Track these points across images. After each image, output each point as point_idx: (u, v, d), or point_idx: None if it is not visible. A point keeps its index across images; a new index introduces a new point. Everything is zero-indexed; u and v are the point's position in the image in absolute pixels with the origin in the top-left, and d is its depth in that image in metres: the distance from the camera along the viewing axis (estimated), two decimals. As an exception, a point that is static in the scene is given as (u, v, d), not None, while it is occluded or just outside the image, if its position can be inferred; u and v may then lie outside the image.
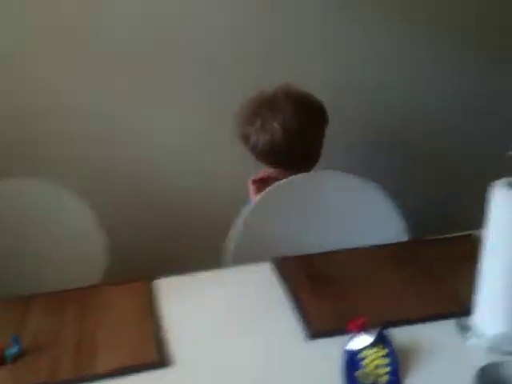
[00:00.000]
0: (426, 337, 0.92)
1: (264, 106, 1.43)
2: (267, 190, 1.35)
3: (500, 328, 0.87)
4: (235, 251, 1.29)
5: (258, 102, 1.45)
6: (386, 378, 0.81)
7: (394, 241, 1.28)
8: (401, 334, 0.89)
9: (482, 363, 0.82)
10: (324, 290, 1.06)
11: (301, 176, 1.38)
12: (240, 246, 1.30)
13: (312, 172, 1.43)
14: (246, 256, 1.23)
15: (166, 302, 1.06)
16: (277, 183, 1.36)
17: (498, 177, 0.88)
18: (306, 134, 1.44)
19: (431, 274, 1.11)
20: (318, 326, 0.94)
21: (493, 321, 0.89)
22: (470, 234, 1.17)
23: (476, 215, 0.93)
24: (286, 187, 1.35)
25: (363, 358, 0.83)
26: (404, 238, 1.33)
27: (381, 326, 0.87)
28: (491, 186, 0.85)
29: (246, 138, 1.45)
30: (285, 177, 1.40)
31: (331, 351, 0.86)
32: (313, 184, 1.38)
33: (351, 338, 0.85)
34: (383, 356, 0.83)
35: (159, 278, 1.13)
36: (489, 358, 0.84)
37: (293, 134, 1.40)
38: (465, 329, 0.92)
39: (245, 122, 1.45)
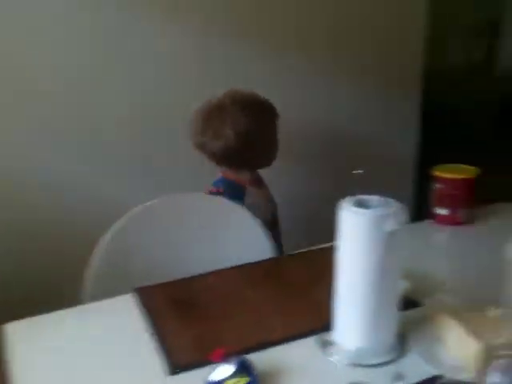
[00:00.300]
0: (290, 357, 0.91)
1: (213, 114, 1.49)
2: (129, 213, 1.30)
3: (359, 342, 0.89)
4: (95, 283, 1.22)
5: (207, 110, 1.50)
6: (249, 407, 0.79)
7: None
8: (264, 358, 0.88)
9: (345, 380, 0.83)
10: (188, 319, 1.02)
11: (165, 199, 1.34)
12: (100, 276, 1.23)
13: (177, 194, 1.39)
14: (107, 287, 1.17)
15: (15, 349, 0.96)
16: (139, 207, 1.31)
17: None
18: (257, 133, 1.49)
19: (296, 290, 1.11)
20: (181, 359, 0.90)
21: (351, 335, 0.90)
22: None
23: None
24: (149, 210, 1.31)
25: (225, 389, 0.80)
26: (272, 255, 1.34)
27: (243, 353, 0.85)
28: (339, 203, 0.87)
29: (202, 147, 1.52)
30: (245, 178, 1.54)
31: (193, 385, 0.82)
32: (178, 207, 1.34)
33: (213, 369, 0.82)
34: (245, 385, 0.81)
35: (6, 323, 1.03)
36: (350, 374, 0.85)
37: (244, 136, 1.46)
38: (326, 345, 0.93)
39: (198, 132, 1.51)
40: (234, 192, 1.53)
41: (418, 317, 0.97)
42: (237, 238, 1.34)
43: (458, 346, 0.83)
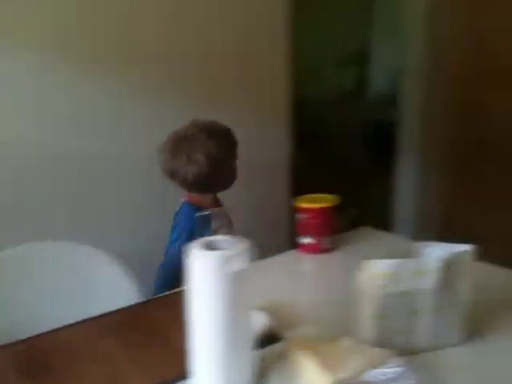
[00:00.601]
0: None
1: (184, 142, 1.56)
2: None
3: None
4: None
5: (176, 138, 1.58)
6: None
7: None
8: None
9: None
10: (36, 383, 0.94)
11: (16, 250, 1.25)
12: None
13: (25, 245, 1.30)
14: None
15: None
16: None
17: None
18: (224, 158, 1.60)
19: (156, 337, 1.07)
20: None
21: (208, 380, 0.87)
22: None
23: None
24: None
25: None
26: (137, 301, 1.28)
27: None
28: (188, 246, 0.85)
29: (174, 173, 1.58)
30: (208, 201, 1.65)
31: None
32: (27, 257, 1.26)
33: None
34: None
35: None
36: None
37: (215, 161, 1.55)
38: (184, 394, 0.90)
39: (170, 159, 1.57)
40: (203, 218, 1.58)
41: (278, 352, 0.97)
42: (99, 287, 1.28)
43: (311, 380, 0.84)
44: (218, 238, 0.86)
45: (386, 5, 4.29)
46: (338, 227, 1.48)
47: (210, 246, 0.85)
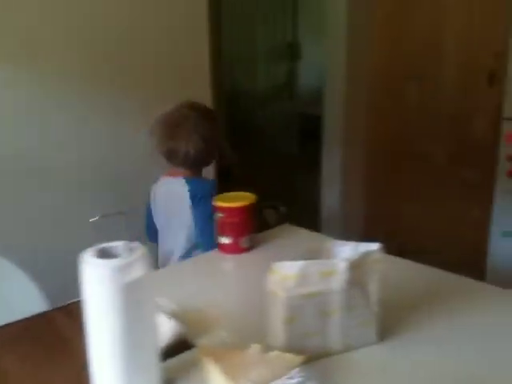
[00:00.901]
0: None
1: (180, 121, 1.64)
2: None
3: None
4: None
5: (172, 119, 1.66)
6: None
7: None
8: None
9: None
10: None
11: None
12: None
13: None
14: None
15: None
16: None
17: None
18: (215, 136, 1.70)
19: (60, 350, 1.00)
20: None
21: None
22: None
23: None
24: None
25: None
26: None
27: None
28: (82, 253, 0.79)
29: (173, 153, 1.65)
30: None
31: None
32: None
33: None
34: None
35: None
36: None
37: (209, 137, 1.66)
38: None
39: (169, 139, 1.64)
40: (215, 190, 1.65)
41: (189, 360, 0.92)
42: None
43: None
44: (113, 245, 0.80)
45: (309, 3, 4.33)
46: (266, 224, 1.45)
47: (105, 253, 0.79)
